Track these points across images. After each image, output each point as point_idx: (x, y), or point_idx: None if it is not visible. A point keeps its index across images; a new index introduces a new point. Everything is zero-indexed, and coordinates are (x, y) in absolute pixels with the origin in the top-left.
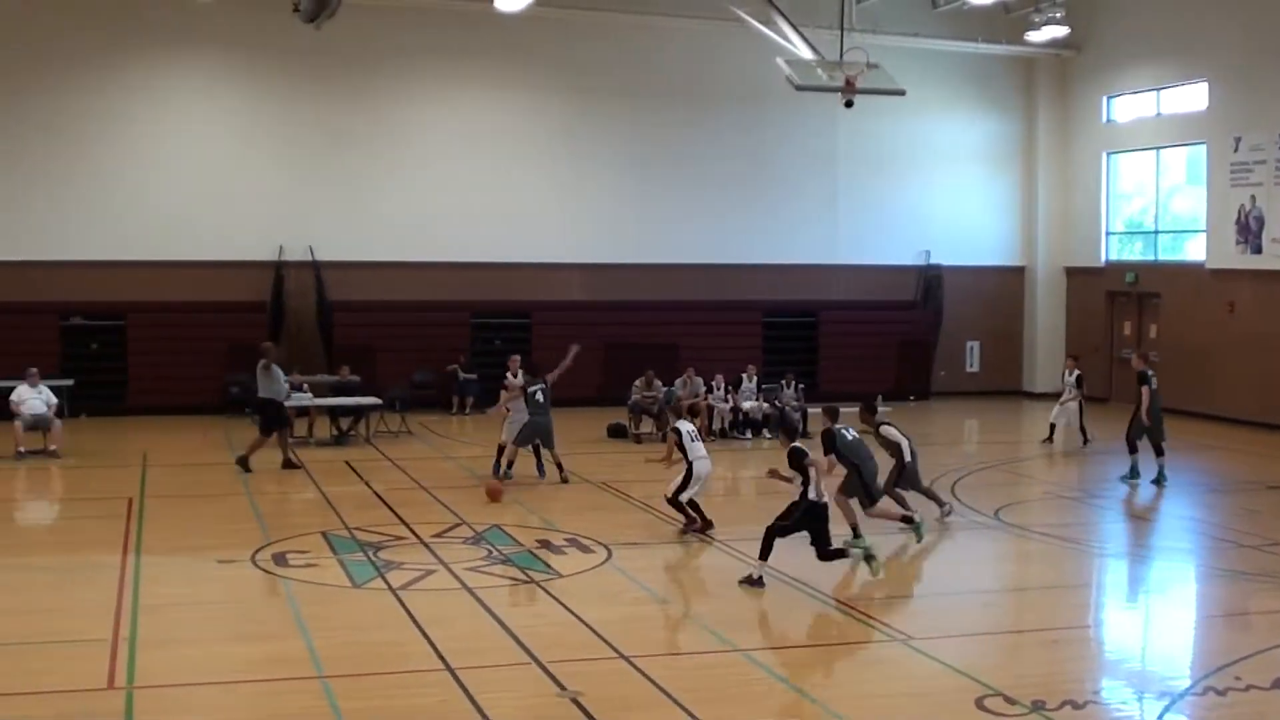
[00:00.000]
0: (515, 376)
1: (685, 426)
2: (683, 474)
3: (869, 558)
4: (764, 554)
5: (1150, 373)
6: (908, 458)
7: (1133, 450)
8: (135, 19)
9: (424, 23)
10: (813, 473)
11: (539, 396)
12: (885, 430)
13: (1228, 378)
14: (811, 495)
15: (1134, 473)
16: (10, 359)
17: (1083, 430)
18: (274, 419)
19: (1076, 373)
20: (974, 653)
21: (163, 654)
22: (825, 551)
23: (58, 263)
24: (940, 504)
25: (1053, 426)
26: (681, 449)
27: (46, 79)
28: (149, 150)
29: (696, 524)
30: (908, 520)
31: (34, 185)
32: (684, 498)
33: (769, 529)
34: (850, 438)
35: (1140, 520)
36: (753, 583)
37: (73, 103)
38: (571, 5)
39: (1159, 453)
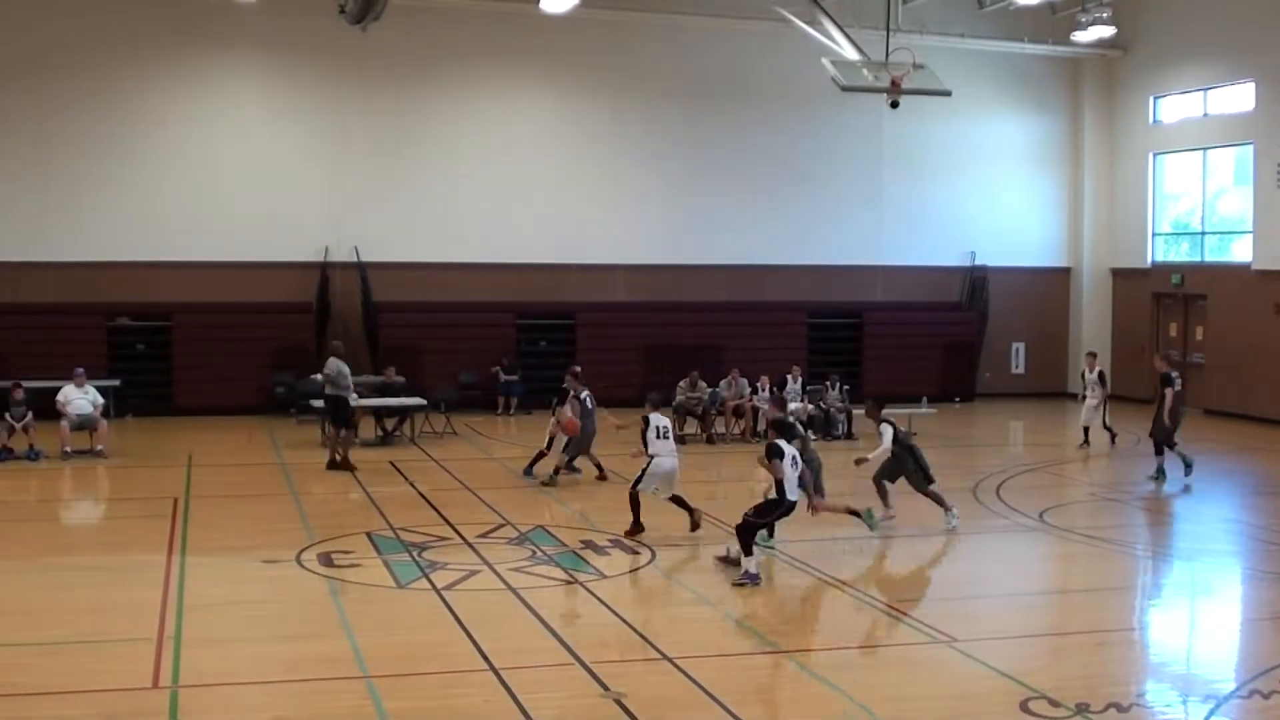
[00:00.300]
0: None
1: (656, 420)
2: (644, 466)
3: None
4: (748, 550)
5: (1175, 374)
6: (870, 455)
7: (1159, 451)
8: (181, 21)
9: (469, 24)
10: (786, 470)
11: (589, 403)
12: (881, 427)
13: (1274, 379)
14: (790, 495)
15: (1160, 473)
16: (57, 359)
17: (1107, 428)
18: (343, 416)
19: (1098, 369)
20: (1018, 655)
21: (207, 653)
22: (747, 535)
23: (104, 264)
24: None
25: (1086, 430)
26: (644, 440)
27: (92, 82)
28: (195, 151)
29: (640, 529)
30: (854, 513)
31: (80, 187)
32: (640, 490)
33: (741, 526)
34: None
35: (1184, 522)
36: (751, 579)
37: (118, 105)
38: (616, 6)
39: (1169, 447)
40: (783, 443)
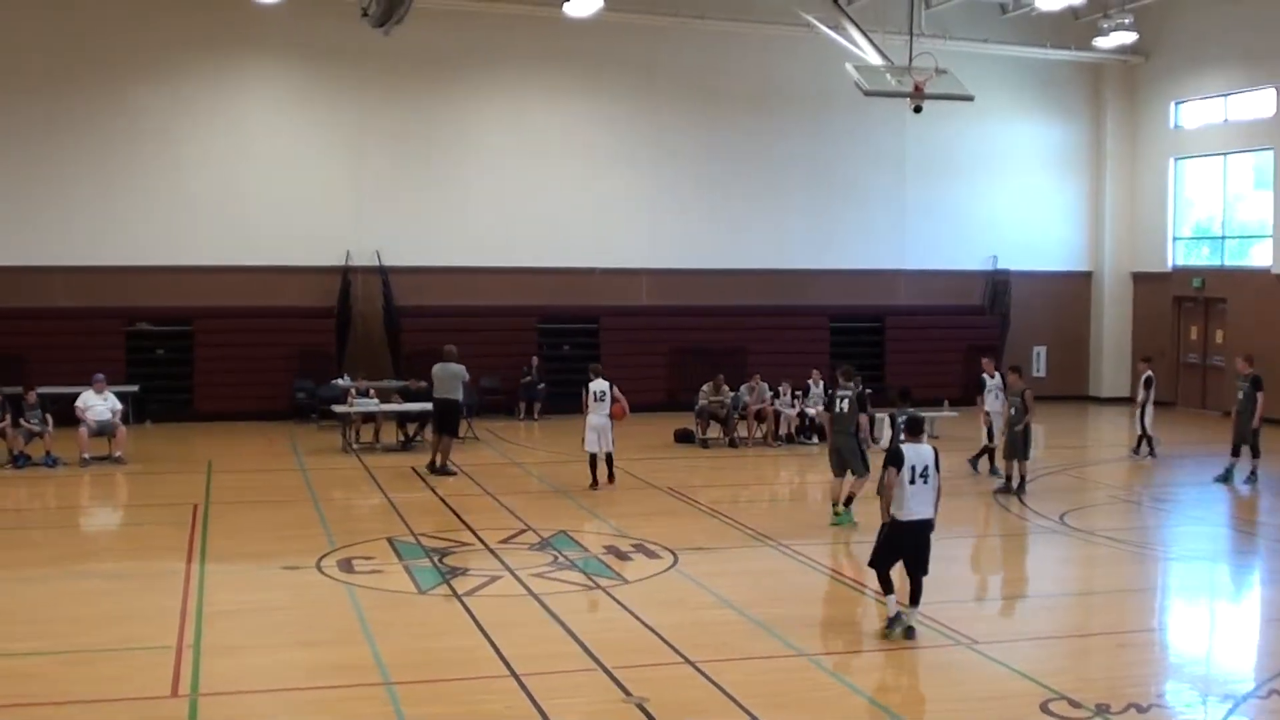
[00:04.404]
0: None
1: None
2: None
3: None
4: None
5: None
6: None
7: (1235, 453)
8: (203, 25)
9: (492, 28)
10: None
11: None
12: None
13: None
14: (899, 515)
15: (1229, 474)
16: (76, 365)
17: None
18: (451, 421)
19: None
20: (1039, 656)
21: (227, 661)
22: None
23: (124, 268)
24: None
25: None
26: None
27: (112, 87)
28: (215, 156)
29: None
30: None
31: (100, 191)
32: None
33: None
34: None
35: (1204, 525)
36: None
37: (138, 110)
38: (641, 11)
39: (1255, 454)
40: (906, 447)
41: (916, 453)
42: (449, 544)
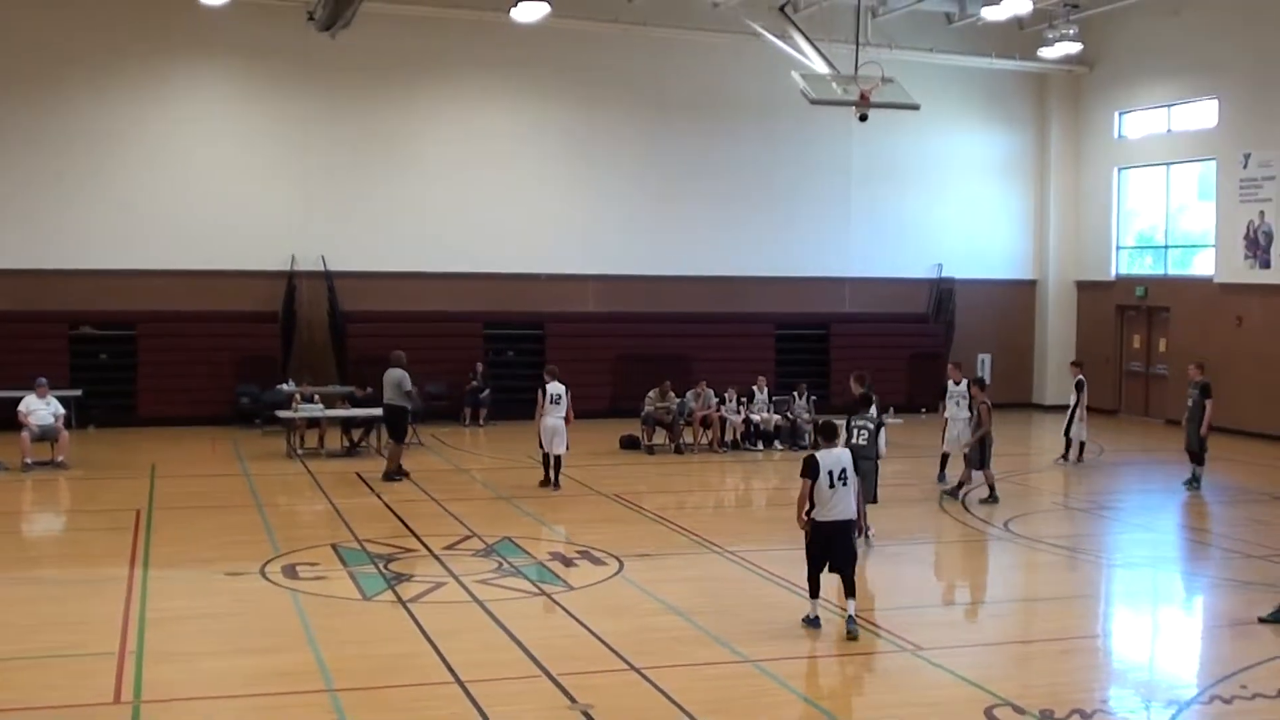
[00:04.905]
0: None
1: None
2: None
3: None
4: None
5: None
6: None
7: (1197, 460)
8: (148, 28)
9: (440, 33)
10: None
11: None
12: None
13: (1236, 391)
14: (818, 516)
15: (1195, 480)
16: (18, 369)
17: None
18: (395, 427)
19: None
20: (983, 663)
21: (170, 668)
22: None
23: (67, 271)
24: None
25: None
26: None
27: (57, 88)
28: (160, 159)
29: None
30: None
31: (44, 193)
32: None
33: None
34: None
35: (1147, 531)
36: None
37: (84, 111)
38: (588, 17)
39: (1199, 462)
40: (820, 454)
41: (832, 458)
42: (394, 550)
